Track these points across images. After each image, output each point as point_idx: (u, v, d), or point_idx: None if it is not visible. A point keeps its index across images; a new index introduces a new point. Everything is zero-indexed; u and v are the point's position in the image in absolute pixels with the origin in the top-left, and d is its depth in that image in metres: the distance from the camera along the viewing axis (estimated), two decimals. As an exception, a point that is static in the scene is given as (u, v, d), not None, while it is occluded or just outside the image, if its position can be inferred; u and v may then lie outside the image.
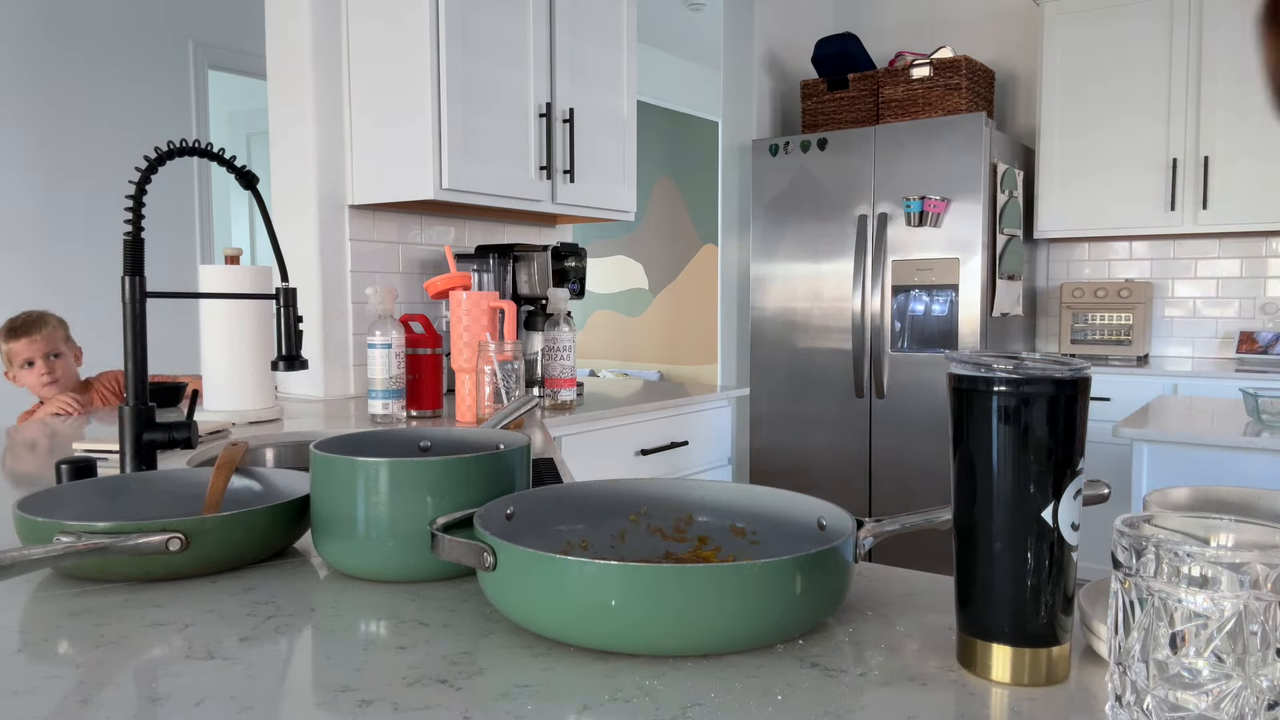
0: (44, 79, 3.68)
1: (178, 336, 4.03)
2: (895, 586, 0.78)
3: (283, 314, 1.24)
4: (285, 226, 2.36)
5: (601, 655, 0.64)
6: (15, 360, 2.43)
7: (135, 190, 1.10)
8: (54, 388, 2.44)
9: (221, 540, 0.81)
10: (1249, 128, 3.54)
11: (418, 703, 0.57)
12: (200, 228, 4.24)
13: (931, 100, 3.85)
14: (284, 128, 2.36)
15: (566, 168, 2.52)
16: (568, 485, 0.84)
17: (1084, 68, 3.84)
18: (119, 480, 0.97)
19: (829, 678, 0.60)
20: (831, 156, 3.85)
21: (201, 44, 4.22)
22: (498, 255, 2.44)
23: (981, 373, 0.58)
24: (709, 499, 0.85)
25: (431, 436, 0.97)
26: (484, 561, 0.66)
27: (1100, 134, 3.82)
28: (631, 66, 2.77)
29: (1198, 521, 0.51)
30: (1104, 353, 3.91)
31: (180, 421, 1.13)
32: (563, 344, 2.16)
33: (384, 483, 0.78)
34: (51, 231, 3.70)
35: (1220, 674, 0.44)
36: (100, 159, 3.85)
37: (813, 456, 3.94)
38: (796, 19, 4.51)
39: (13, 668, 0.62)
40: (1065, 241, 4.22)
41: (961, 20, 4.45)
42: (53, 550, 0.71)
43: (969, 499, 0.60)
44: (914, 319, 3.68)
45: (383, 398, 1.92)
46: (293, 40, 2.32)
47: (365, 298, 2.42)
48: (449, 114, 2.19)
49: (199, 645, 0.66)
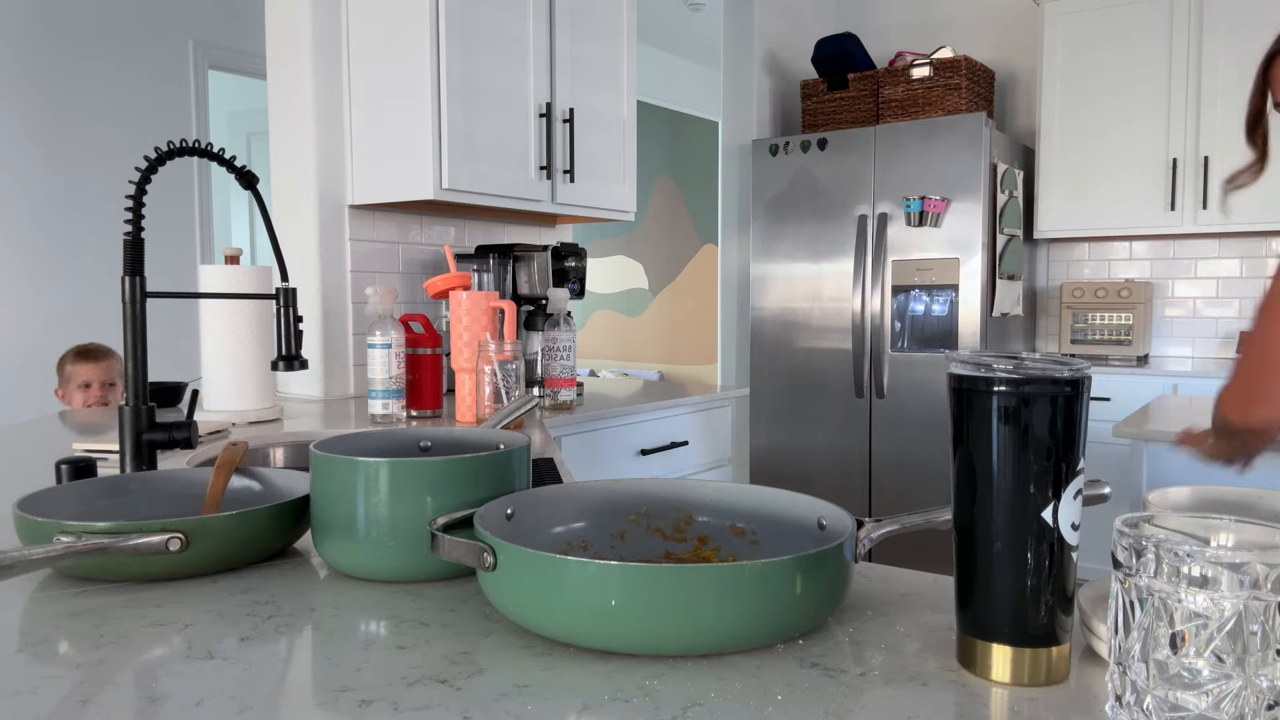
0: (44, 79, 3.68)
1: (178, 336, 4.03)
2: (895, 586, 0.78)
3: (283, 314, 1.24)
4: (285, 226, 2.36)
5: (601, 655, 0.64)
6: (75, 380, 2.61)
7: (135, 190, 1.10)
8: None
9: (221, 540, 0.81)
10: (1249, 128, 3.54)
11: (418, 703, 0.57)
12: (200, 228, 4.24)
13: (931, 100, 3.85)
14: (284, 128, 2.36)
15: (566, 168, 2.52)
16: (568, 485, 0.84)
17: (1084, 67, 3.84)
18: (119, 480, 0.97)
19: (829, 678, 0.60)
20: (831, 156, 3.85)
21: (201, 44, 4.22)
22: (498, 255, 2.44)
23: (981, 373, 0.58)
24: (709, 499, 0.85)
25: (431, 436, 0.97)
26: (484, 561, 0.66)
27: (1100, 134, 3.82)
28: (631, 66, 2.77)
29: (1198, 521, 0.51)
30: (1104, 353, 3.91)
31: (180, 421, 1.13)
32: (563, 344, 2.16)
33: (384, 483, 0.78)
34: (51, 231, 3.70)
35: (1220, 674, 0.44)
36: (100, 159, 3.85)
37: (813, 456, 3.94)
38: (796, 19, 4.51)
39: (13, 668, 0.62)
40: (1065, 241, 4.22)
41: (961, 20, 4.45)
42: (53, 550, 0.71)
43: (969, 499, 0.60)
44: (914, 319, 3.68)
45: (383, 398, 1.92)
46: (292, 40, 2.32)
47: (365, 298, 2.42)
48: (449, 114, 2.19)
49: (199, 645, 0.66)
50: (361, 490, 0.79)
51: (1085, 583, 0.68)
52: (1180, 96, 3.65)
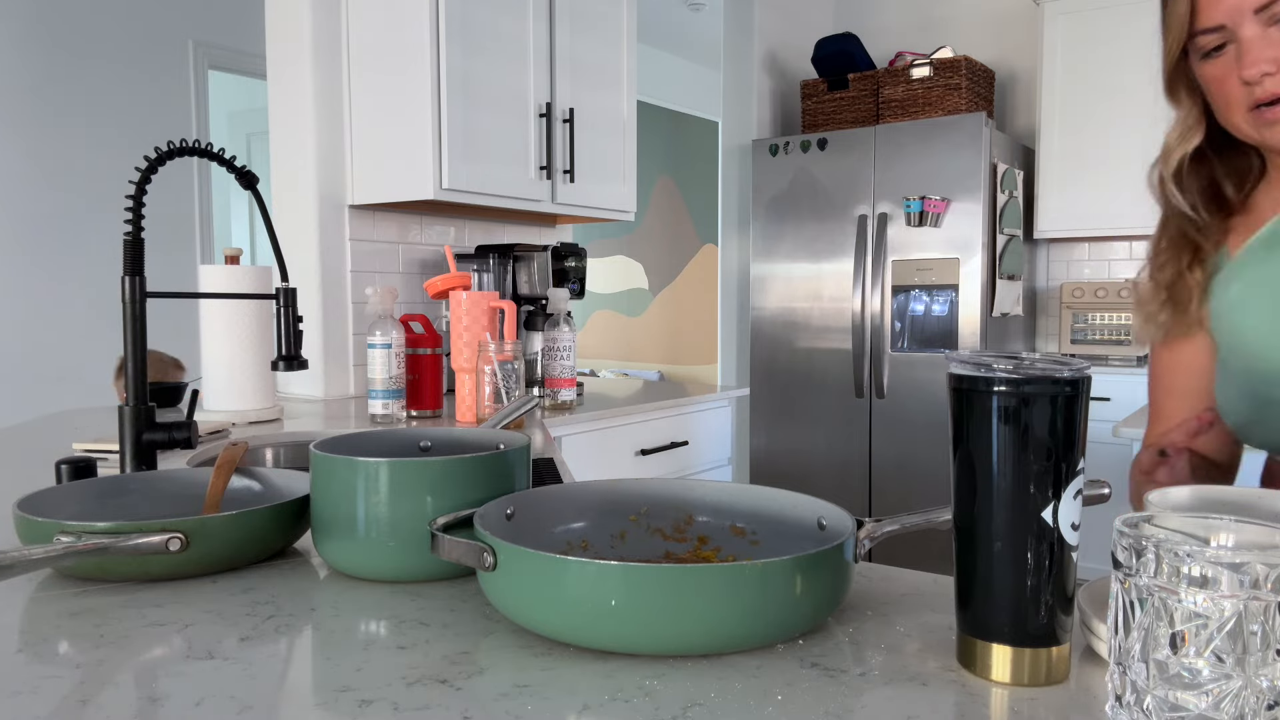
0: (44, 79, 3.68)
1: (178, 336, 4.03)
2: (895, 586, 0.78)
3: (283, 314, 1.24)
4: (285, 226, 2.36)
5: (601, 655, 0.63)
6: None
7: (135, 190, 1.10)
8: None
9: (221, 540, 0.81)
10: (1249, 128, 3.54)
11: (418, 703, 0.57)
12: (200, 228, 4.24)
13: (931, 100, 3.85)
14: (284, 128, 2.36)
15: (566, 168, 2.52)
16: (568, 485, 0.84)
17: (1084, 68, 3.84)
18: (119, 480, 0.97)
19: (829, 678, 0.60)
20: (831, 156, 3.85)
21: (201, 44, 4.22)
22: (498, 255, 2.44)
23: (981, 373, 0.58)
24: (709, 499, 0.85)
25: (431, 436, 0.97)
26: (484, 561, 0.66)
27: (1100, 134, 3.82)
28: (631, 66, 2.77)
29: (1198, 521, 0.51)
30: (1104, 353, 3.90)
31: (180, 421, 1.13)
32: (563, 344, 2.16)
33: (384, 483, 0.78)
34: (51, 231, 3.70)
35: (1220, 674, 0.44)
36: (100, 159, 3.85)
37: (813, 456, 3.94)
38: (796, 19, 4.51)
39: (13, 668, 0.62)
40: (1065, 241, 4.22)
41: (961, 20, 4.45)
42: (53, 550, 0.71)
43: (969, 499, 0.60)
44: (914, 319, 3.68)
45: (383, 398, 1.92)
46: (292, 40, 2.32)
47: (365, 298, 2.42)
48: (449, 114, 2.19)
49: (199, 645, 0.66)
50: (361, 490, 0.79)
51: (1085, 583, 0.68)
52: (1180, 96, 3.65)
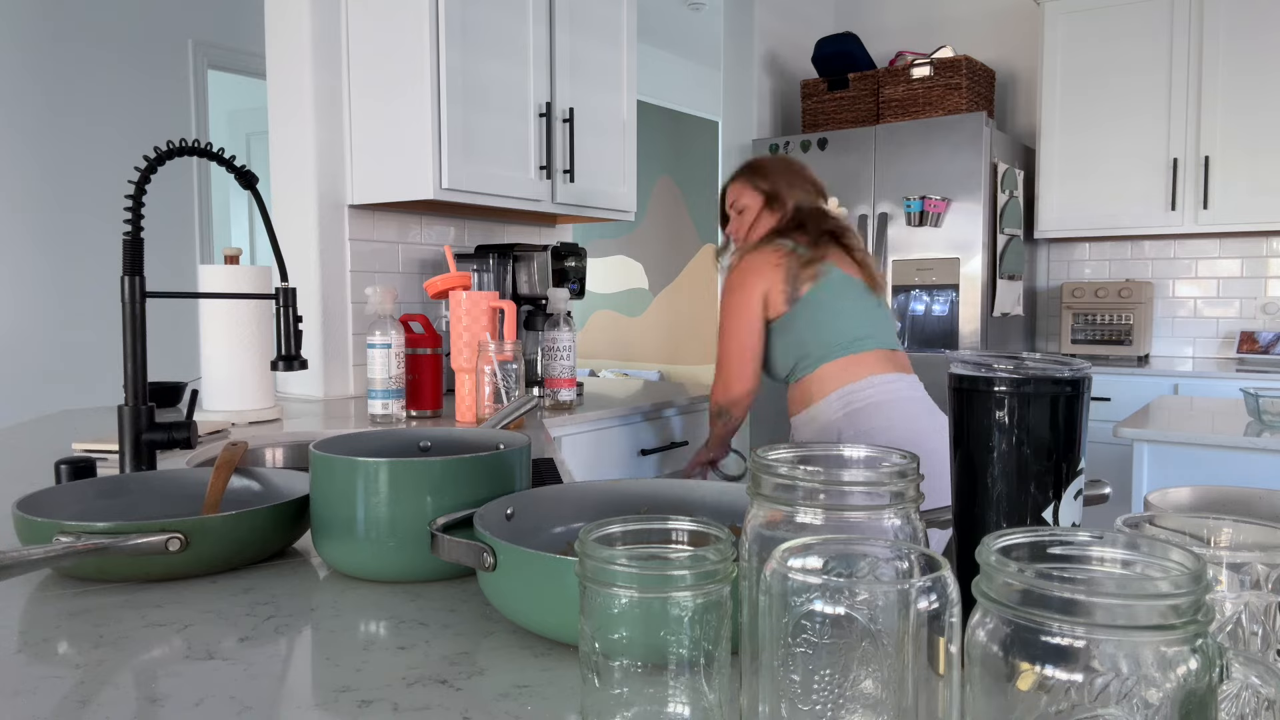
0: (43, 78, 3.68)
1: (178, 336, 4.03)
2: (895, 586, 0.78)
3: (282, 314, 1.24)
4: (285, 226, 2.36)
5: (601, 655, 0.63)
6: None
7: (135, 190, 1.10)
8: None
9: (221, 540, 0.81)
10: (1249, 127, 3.54)
11: (418, 703, 0.57)
12: (200, 228, 4.24)
13: (931, 100, 3.85)
14: (283, 127, 2.36)
15: (566, 167, 2.52)
16: (568, 485, 0.84)
17: (1084, 67, 3.84)
18: (119, 480, 0.97)
19: (829, 678, 0.60)
20: (831, 156, 3.85)
21: (201, 44, 4.22)
22: (498, 255, 2.44)
23: (982, 373, 0.58)
24: (709, 499, 0.85)
25: (431, 436, 0.97)
26: (484, 561, 0.66)
27: (1100, 134, 3.82)
28: (631, 66, 2.77)
29: (1198, 521, 0.51)
30: (1104, 353, 3.90)
31: (180, 421, 1.13)
32: (562, 344, 2.16)
33: (384, 483, 0.78)
34: (51, 231, 3.70)
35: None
36: (100, 158, 3.85)
37: (813, 456, 3.93)
38: (796, 19, 4.51)
39: (13, 668, 0.62)
40: (1065, 241, 4.22)
41: (961, 20, 4.45)
42: (52, 550, 0.71)
43: (969, 499, 0.59)
44: (914, 319, 3.68)
45: (383, 398, 1.92)
46: (292, 39, 2.32)
47: (365, 298, 2.42)
48: (449, 113, 2.19)
49: (199, 645, 0.66)
50: (361, 490, 0.79)
51: (1085, 583, 0.68)
52: (1181, 96, 3.65)
